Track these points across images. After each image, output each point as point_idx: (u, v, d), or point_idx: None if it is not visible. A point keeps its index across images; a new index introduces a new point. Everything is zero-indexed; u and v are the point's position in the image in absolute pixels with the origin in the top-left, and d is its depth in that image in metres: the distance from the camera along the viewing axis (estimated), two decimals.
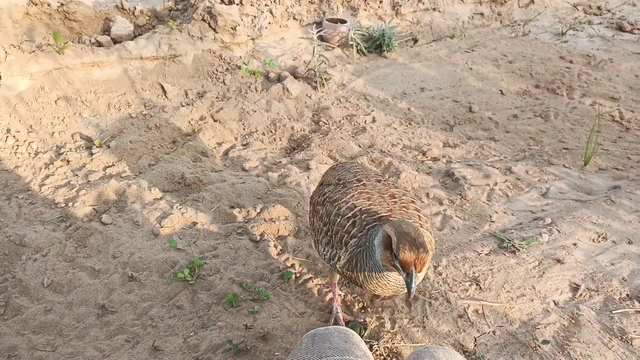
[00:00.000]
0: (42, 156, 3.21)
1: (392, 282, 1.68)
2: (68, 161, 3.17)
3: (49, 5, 4.34)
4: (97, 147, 3.30)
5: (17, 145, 3.25)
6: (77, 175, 3.07)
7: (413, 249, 1.50)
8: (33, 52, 3.63)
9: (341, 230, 1.83)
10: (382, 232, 1.60)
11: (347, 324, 2.14)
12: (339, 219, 1.86)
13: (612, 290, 2.31)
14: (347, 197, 1.93)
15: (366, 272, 1.71)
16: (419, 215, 1.86)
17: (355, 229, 1.79)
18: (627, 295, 2.29)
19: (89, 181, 3.01)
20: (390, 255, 1.55)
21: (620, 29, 6.24)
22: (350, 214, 1.84)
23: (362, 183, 2.02)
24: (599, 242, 2.63)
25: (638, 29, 6.18)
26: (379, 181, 2.04)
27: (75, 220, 2.69)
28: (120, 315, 2.18)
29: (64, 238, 2.57)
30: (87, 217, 2.72)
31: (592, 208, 2.87)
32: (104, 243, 2.56)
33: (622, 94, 4.51)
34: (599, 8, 6.98)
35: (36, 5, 4.28)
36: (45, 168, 3.12)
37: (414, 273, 1.51)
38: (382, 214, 1.79)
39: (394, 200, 1.89)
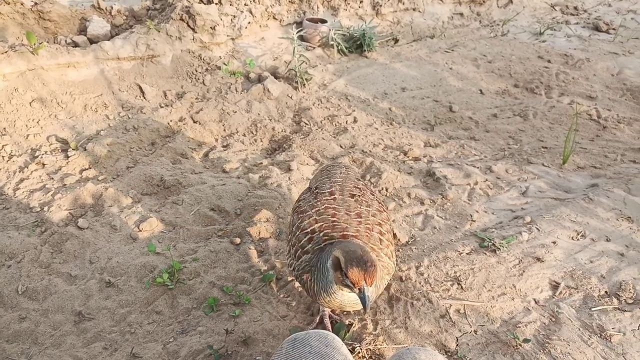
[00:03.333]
0: (17, 159, 3.13)
1: (337, 299, 1.72)
2: (43, 164, 3.10)
3: (22, 4, 4.24)
4: (73, 149, 3.23)
5: None
6: (52, 178, 3.00)
7: (361, 265, 1.56)
8: (5, 52, 3.53)
9: (297, 244, 1.87)
10: (332, 255, 1.64)
11: (333, 324, 2.13)
12: (298, 232, 1.90)
13: (591, 288, 2.34)
14: (313, 210, 1.94)
15: (315, 289, 1.75)
16: (380, 239, 1.87)
17: (310, 245, 1.83)
18: (606, 292, 2.32)
19: (65, 185, 2.94)
20: (341, 275, 1.61)
21: (597, 28, 6.35)
22: (309, 229, 1.87)
23: (332, 197, 2.01)
24: (578, 240, 2.66)
25: (613, 29, 6.28)
26: (353, 196, 2.03)
27: (50, 225, 2.62)
28: (98, 322, 2.13)
29: (39, 243, 2.51)
30: (63, 222, 2.66)
31: (571, 206, 2.90)
32: (80, 248, 2.50)
33: (599, 93, 4.58)
34: (575, 8, 7.09)
35: (8, 4, 4.17)
36: (19, 172, 3.04)
37: (365, 288, 1.57)
38: (348, 233, 1.81)
39: (359, 220, 1.89)
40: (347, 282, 1.58)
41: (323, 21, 5.13)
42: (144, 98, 3.94)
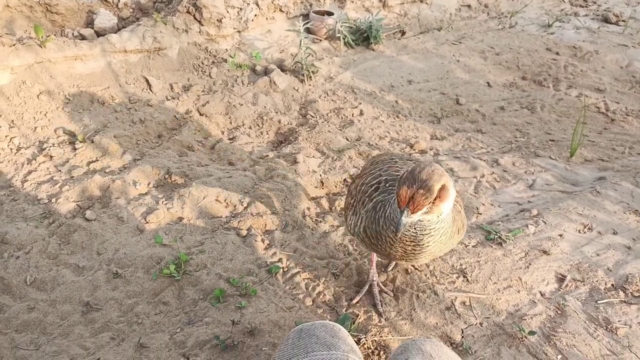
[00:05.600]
0: (25, 152, 3.16)
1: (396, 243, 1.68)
2: (51, 156, 3.12)
3: None
4: (80, 142, 3.25)
5: None
6: (60, 170, 3.02)
7: (410, 186, 1.42)
8: (14, 45, 3.55)
9: (363, 196, 1.88)
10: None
11: (381, 294, 2.24)
12: (363, 187, 1.92)
13: (597, 281, 2.33)
14: (376, 169, 1.98)
15: (379, 228, 1.70)
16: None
17: (377, 192, 1.83)
18: (612, 285, 2.31)
19: (73, 177, 2.96)
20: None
21: (606, 20, 6.28)
22: (375, 182, 1.89)
23: (393, 160, 2.06)
24: (585, 233, 2.65)
25: (623, 21, 6.21)
26: (410, 160, 2.12)
27: (58, 217, 2.64)
28: (105, 313, 2.15)
29: (47, 235, 2.53)
30: (70, 214, 2.68)
31: (578, 199, 2.89)
32: (88, 239, 2.52)
33: (608, 86, 4.54)
34: (584, 0, 7.01)
35: None
36: (27, 164, 3.06)
37: (405, 212, 1.44)
38: None
39: None
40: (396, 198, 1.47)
41: (330, 13, 5.11)
42: (151, 91, 3.95)
